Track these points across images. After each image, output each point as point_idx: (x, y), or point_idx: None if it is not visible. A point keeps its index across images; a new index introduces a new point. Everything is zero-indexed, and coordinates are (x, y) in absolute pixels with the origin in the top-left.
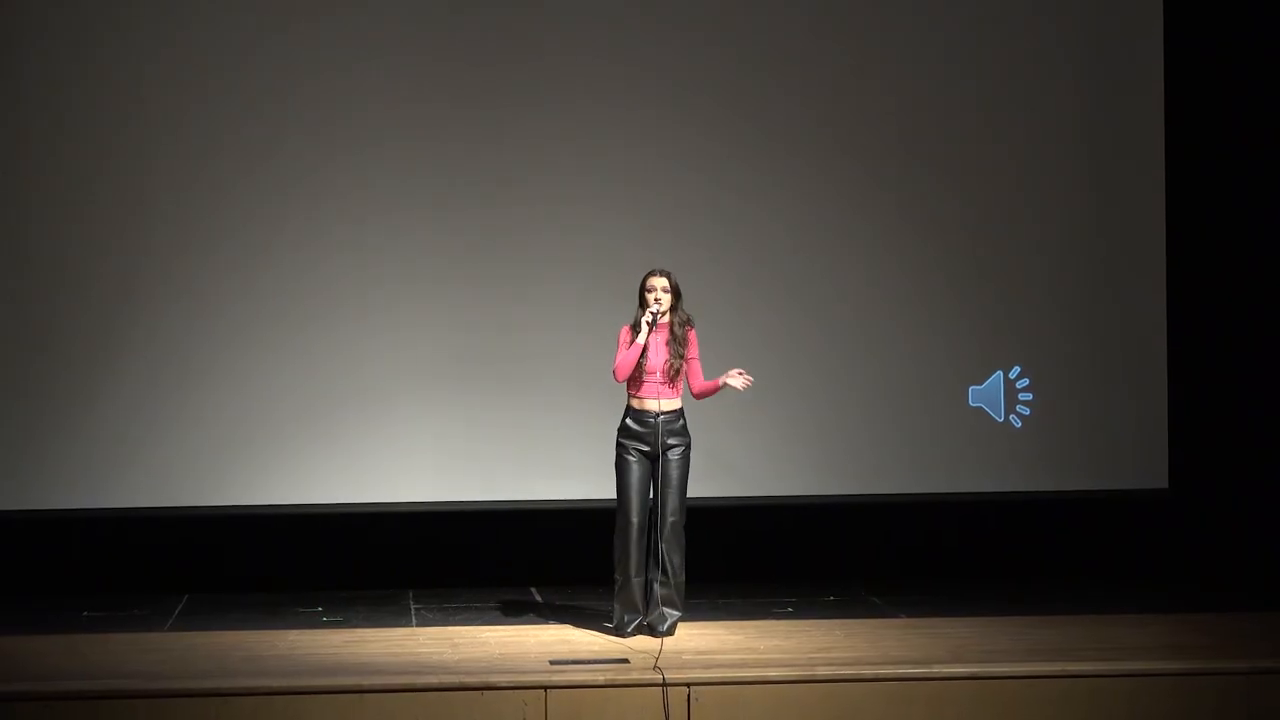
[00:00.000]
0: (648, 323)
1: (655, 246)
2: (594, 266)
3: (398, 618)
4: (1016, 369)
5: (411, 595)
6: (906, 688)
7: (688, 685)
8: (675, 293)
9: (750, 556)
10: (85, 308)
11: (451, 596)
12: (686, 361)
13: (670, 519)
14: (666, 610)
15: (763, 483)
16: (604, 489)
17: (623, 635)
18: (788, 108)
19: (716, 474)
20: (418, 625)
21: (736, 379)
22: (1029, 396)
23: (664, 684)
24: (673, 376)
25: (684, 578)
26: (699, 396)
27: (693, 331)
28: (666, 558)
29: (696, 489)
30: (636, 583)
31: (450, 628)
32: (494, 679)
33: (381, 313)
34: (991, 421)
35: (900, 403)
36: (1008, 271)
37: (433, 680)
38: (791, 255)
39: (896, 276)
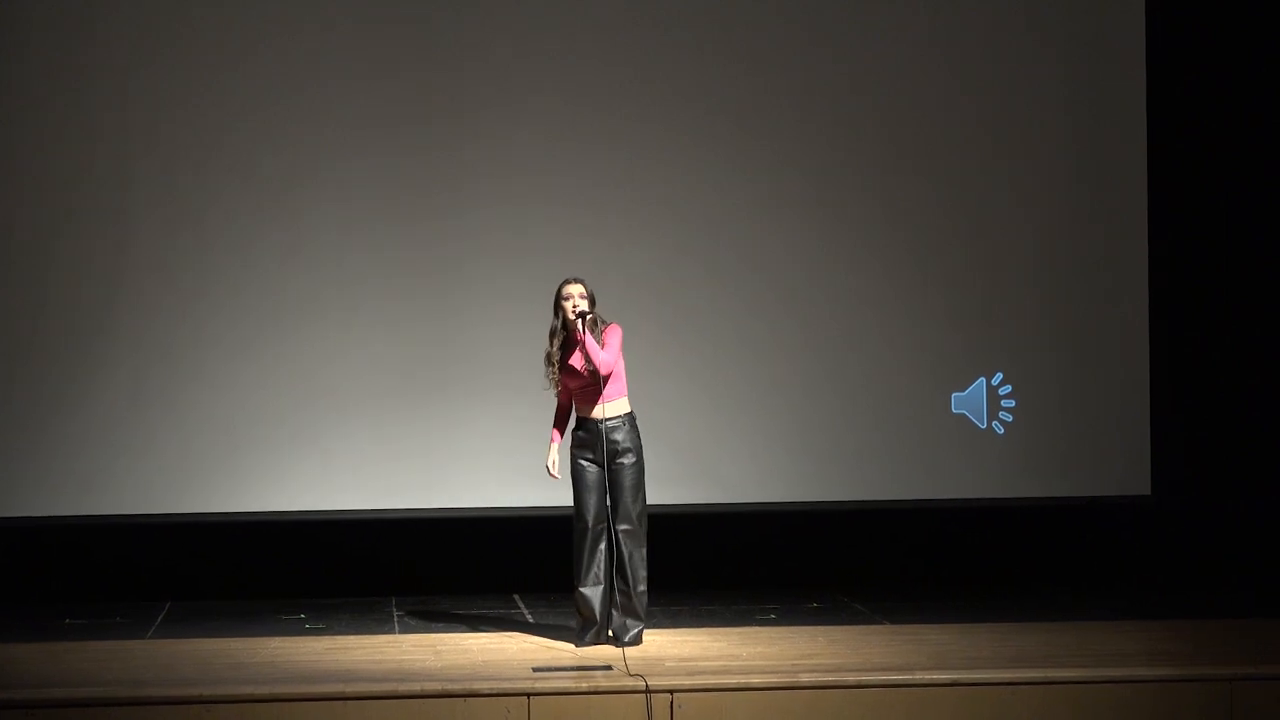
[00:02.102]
0: (576, 315)
1: (635, 249)
2: (570, 271)
3: (381, 624)
4: (999, 375)
5: (394, 602)
6: (889, 694)
7: (671, 692)
8: (590, 299)
9: (733, 563)
10: (66, 318)
11: (435, 603)
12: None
13: (623, 528)
14: (628, 621)
15: (745, 489)
16: None
17: (579, 645)
18: (770, 109)
19: (699, 480)
20: (401, 632)
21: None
22: (1012, 403)
23: (647, 691)
24: (598, 379)
25: (645, 587)
26: (603, 368)
27: (614, 326)
28: (625, 567)
29: (680, 495)
30: (590, 593)
31: (433, 634)
32: (477, 686)
33: (365, 320)
34: (974, 428)
35: (883, 409)
36: (990, 278)
37: (416, 687)
38: (773, 260)
39: (879, 282)
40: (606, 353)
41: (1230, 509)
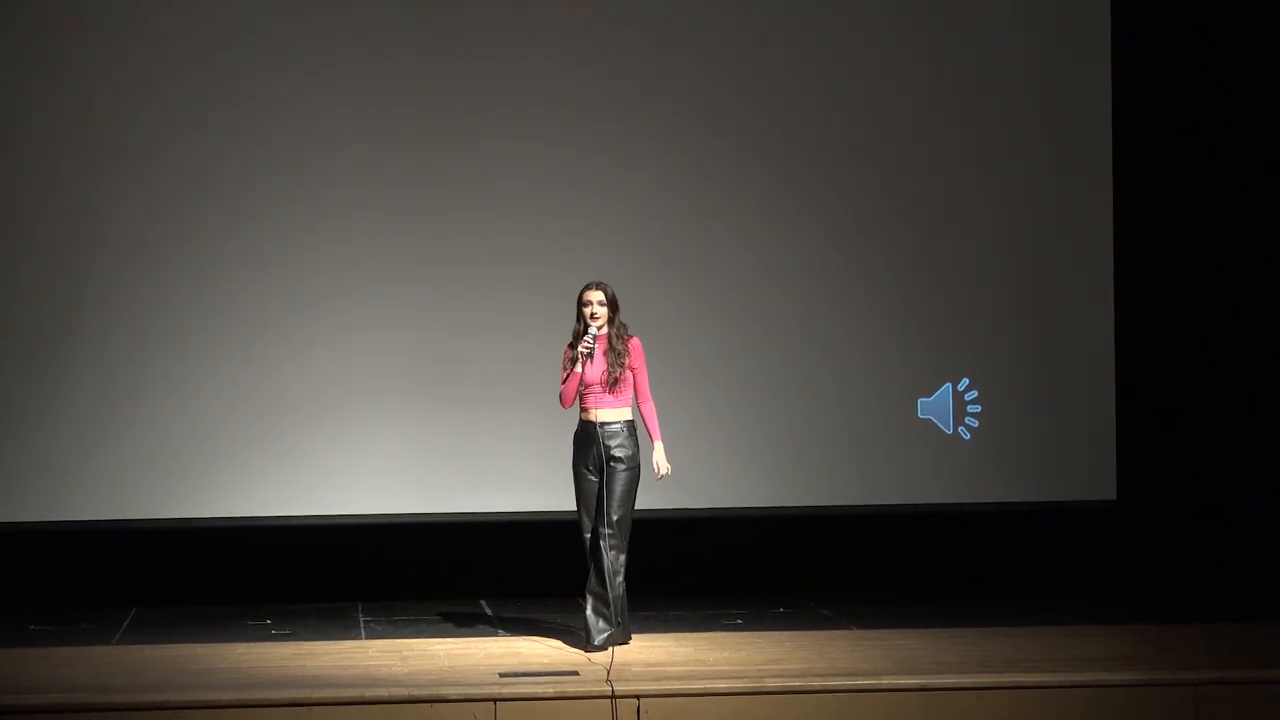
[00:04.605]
0: (583, 352)
1: (606, 256)
2: (544, 278)
3: (347, 630)
4: (965, 381)
5: (360, 607)
6: (855, 699)
7: (637, 697)
8: (613, 305)
9: (700, 568)
10: (33, 321)
11: (401, 609)
12: (630, 370)
13: (606, 532)
14: (601, 623)
15: (712, 495)
16: (553, 501)
17: (587, 650)
18: (740, 116)
19: (666, 485)
20: (367, 638)
21: (658, 466)
22: (978, 409)
23: (613, 696)
24: (611, 385)
25: (621, 593)
26: (651, 417)
27: (635, 341)
28: (605, 571)
29: (646, 501)
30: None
31: (399, 640)
32: (443, 691)
33: (331, 326)
34: (940, 433)
35: (849, 414)
36: (957, 284)
37: (382, 693)
38: (741, 266)
39: (846, 287)
40: (647, 391)
41: (1196, 514)
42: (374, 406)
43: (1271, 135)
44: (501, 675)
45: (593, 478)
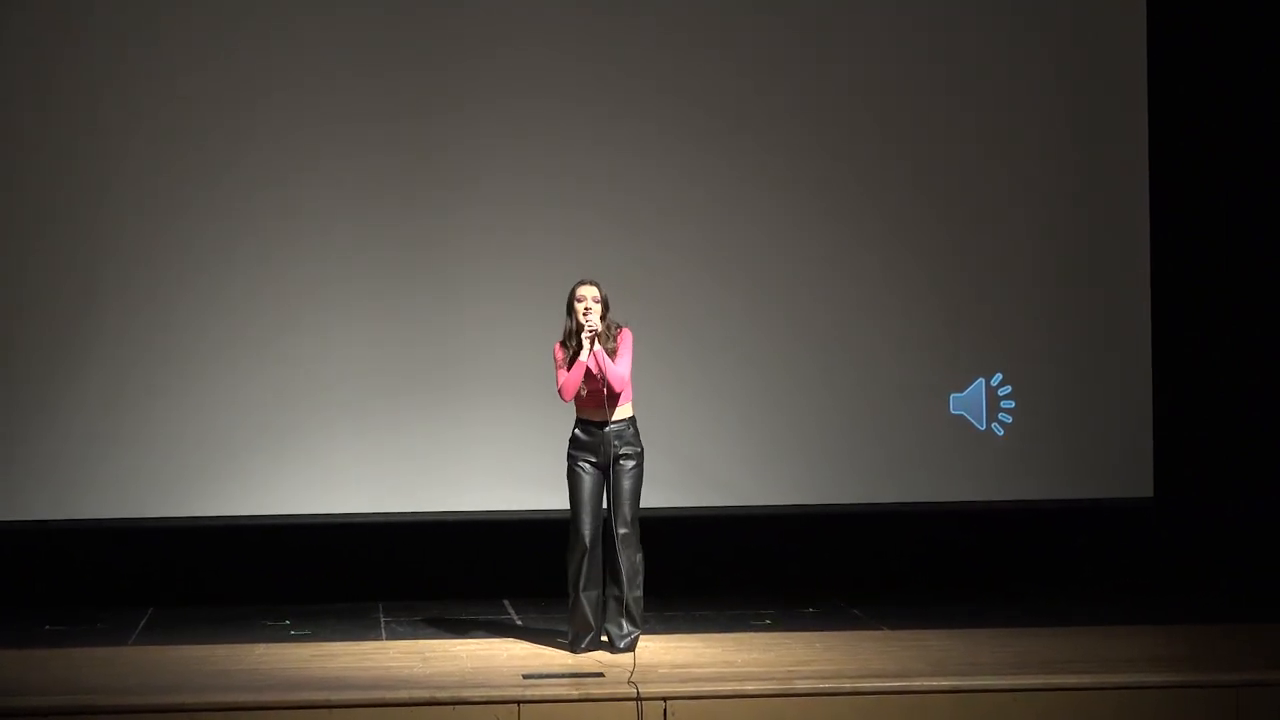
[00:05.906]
0: (588, 337)
1: (628, 250)
2: (563, 276)
3: (367, 631)
4: (998, 376)
5: (381, 608)
6: (886, 701)
7: (663, 699)
8: (604, 304)
9: (728, 568)
10: (48, 320)
11: (422, 609)
12: (613, 355)
13: (621, 531)
14: (624, 625)
15: (741, 493)
16: None
17: (575, 652)
18: (765, 109)
19: (694, 483)
20: (387, 638)
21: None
22: (1011, 404)
23: (639, 698)
24: (608, 386)
25: (640, 593)
26: (616, 385)
27: (625, 331)
28: (621, 572)
29: (674, 499)
30: (587, 598)
31: (421, 641)
32: (466, 693)
33: (348, 324)
34: (973, 430)
35: (881, 411)
36: (990, 278)
37: (403, 695)
38: (770, 262)
39: (877, 283)
40: (620, 366)
41: (1234, 512)
42: (395, 404)
43: None
44: (525, 677)
45: (592, 474)
